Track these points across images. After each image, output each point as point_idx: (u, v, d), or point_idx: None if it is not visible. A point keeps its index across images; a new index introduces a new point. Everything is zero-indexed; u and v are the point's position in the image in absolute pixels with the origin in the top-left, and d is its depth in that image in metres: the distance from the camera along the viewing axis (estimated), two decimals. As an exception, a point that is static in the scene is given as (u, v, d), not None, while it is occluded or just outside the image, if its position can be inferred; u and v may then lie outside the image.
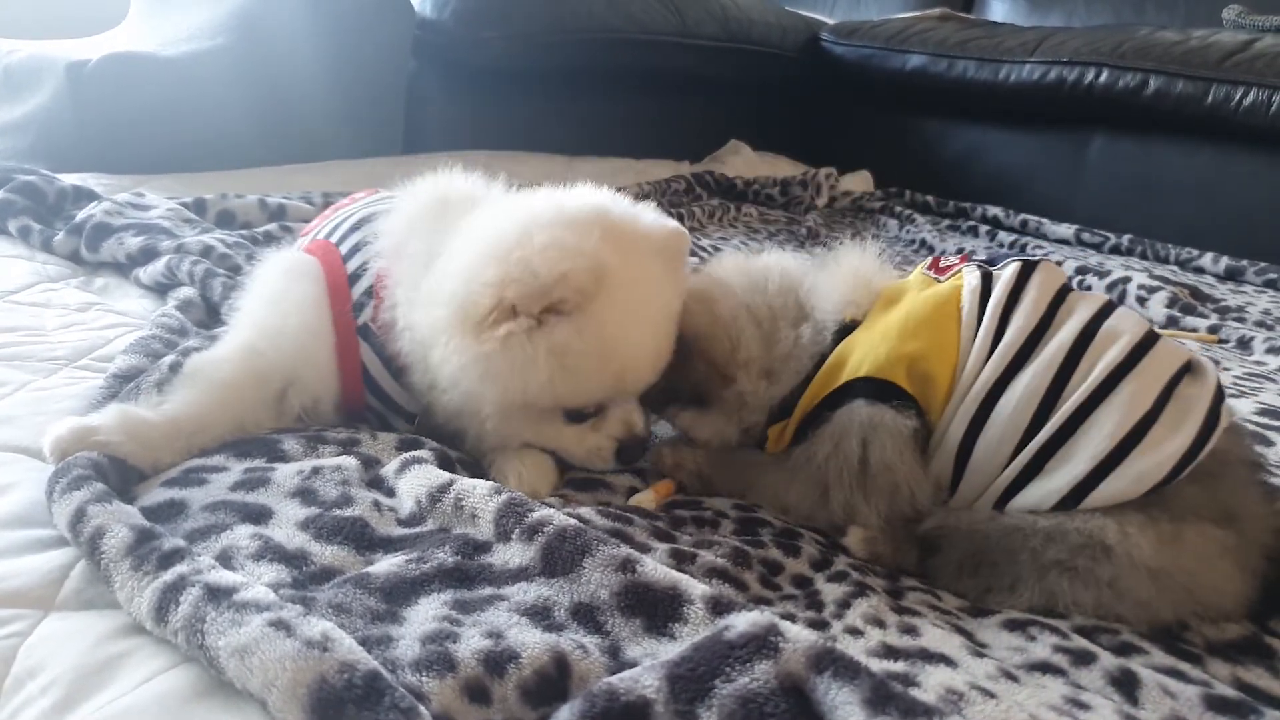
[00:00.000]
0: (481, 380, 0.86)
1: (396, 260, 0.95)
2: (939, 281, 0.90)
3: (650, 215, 0.96)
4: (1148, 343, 0.80)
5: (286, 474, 0.82)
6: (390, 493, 0.83)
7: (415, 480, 0.82)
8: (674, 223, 0.96)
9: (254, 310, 0.99)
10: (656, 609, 0.66)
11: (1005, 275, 0.85)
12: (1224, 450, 0.78)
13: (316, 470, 0.83)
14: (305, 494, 0.80)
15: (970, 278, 0.87)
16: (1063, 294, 0.85)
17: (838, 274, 0.95)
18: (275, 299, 0.98)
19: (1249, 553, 0.77)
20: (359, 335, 0.95)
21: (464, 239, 0.90)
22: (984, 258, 0.90)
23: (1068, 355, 0.80)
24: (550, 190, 0.96)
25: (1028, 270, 0.85)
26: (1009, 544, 0.78)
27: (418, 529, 0.78)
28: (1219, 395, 0.79)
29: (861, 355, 0.86)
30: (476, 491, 0.78)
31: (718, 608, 0.64)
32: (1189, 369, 0.80)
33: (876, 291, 0.93)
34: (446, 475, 0.82)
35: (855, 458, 0.83)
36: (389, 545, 0.75)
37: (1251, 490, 0.81)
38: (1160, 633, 0.77)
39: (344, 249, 0.99)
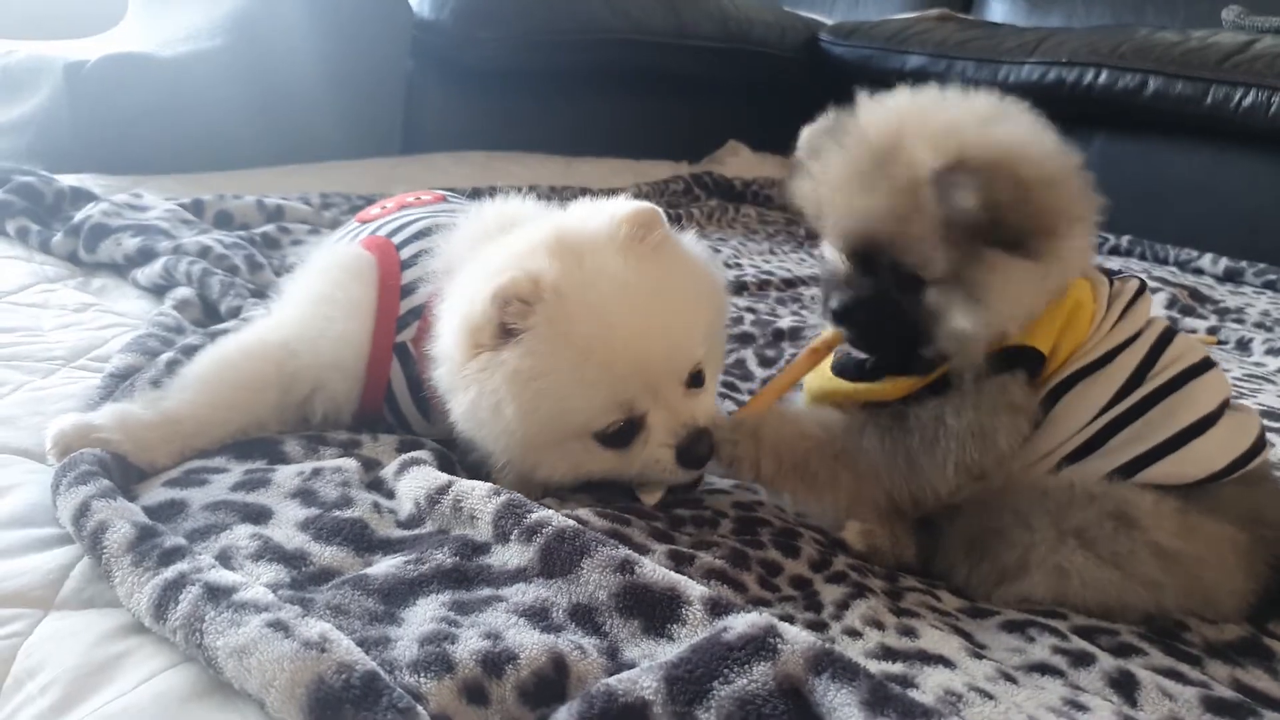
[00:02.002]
0: (479, 429, 0.83)
1: (447, 286, 0.90)
2: None
3: (606, 209, 0.88)
4: (1210, 363, 0.84)
5: (287, 475, 0.82)
6: (390, 494, 0.83)
7: (414, 482, 0.82)
8: (632, 202, 0.88)
9: (299, 306, 0.96)
10: (655, 610, 0.65)
11: (1130, 285, 0.88)
12: (1263, 466, 0.83)
13: (317, 472, 0.83)
14: (305, 495, 0.80)
15: (1102, 282, 0.88)
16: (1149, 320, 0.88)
17: None
18: (324, 299, 0.95)
19: (1257, 556, 0.79)
20: (394, 352, 0.93)
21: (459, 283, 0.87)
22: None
23: (1150, 350, 0.82)
24: (552, 215, 0.93)
25: (1142, 289, 0.88)
26: (1026, 506, 0.79)
27: (417, 530, 0.78)
28: (1263, 428, 0.84)
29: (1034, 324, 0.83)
30: (475, 493, 0.78)
31: (716, 609, 0.64)
32: (1230, 403, 0.84)
33: None
34: (445, 477, 0.82)
35: (989, 435, 0.80)
36: (388, 547, 0.75)
37: (1277, 503, 0.83)
38: (1159, 633, 0.77)
39: (404, 254, 0.96)
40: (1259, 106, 2.24)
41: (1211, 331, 1.77)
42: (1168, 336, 0.84)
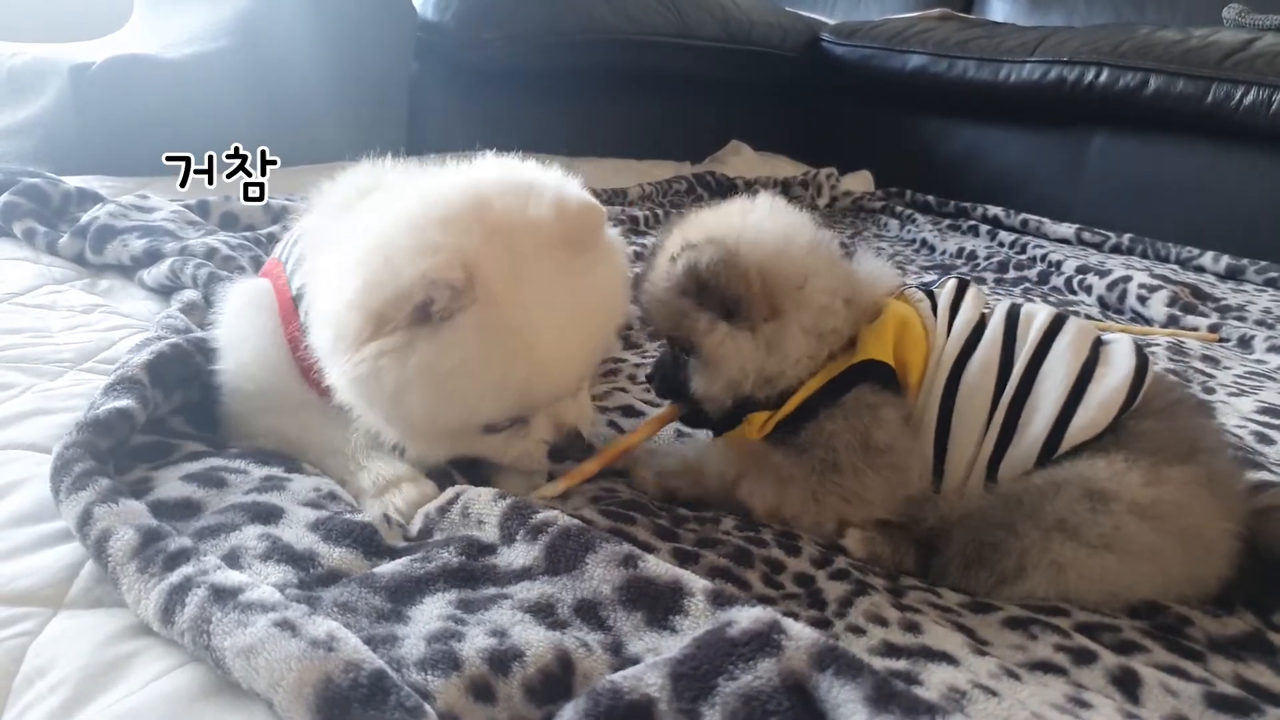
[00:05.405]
0: (367, 407, 0.79)
1: (316, 263, 0.86)
2: None
3: (548, 195, 0.80)
4: (1063, 317, 0.88)
5: (303, 486, 0.82)
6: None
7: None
8: (578, 196, 0.82)
9: (224, 353, 0.95)
10: (658, 602, 0.66)
11: (949, 286, 0.93)
12: (1166, 390, 0.85)
13: (333, 495, 0.83)
14: (317, 504, 0.80)
15: (916, 294, 0.93)
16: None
17: (876, 276, 0.91)
18: (238, 342, 0.93)
19: (1219, 487, 0.80)
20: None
21: (339, 245, 0.80)
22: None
23: (1005, 327, 0.86)
24: (438, 173, 0.88)
25: (964, 285, 0.93)
26: (1008, 516, 0.79)
27: (425, 541, 0.78)
28: (1141, 352, 0.85)
29: (862, 346, 0.87)
30: (481, 498, 0.78)
31: (718, 600, 0.65)
32: (1101, 341, 0.87)
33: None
34: (453, 490, 0.82)
35: (863, 436, 0.83)
36: (396, 555, 0.75)
37: (1205, 423, 0.86)
38: (1162, 629, 0.77)
39: (288, 267, 0.94)
40: (1260, 105, 2.24)
41: (1213, 329, 1.77)
42: (1014, 311, 0.88)
